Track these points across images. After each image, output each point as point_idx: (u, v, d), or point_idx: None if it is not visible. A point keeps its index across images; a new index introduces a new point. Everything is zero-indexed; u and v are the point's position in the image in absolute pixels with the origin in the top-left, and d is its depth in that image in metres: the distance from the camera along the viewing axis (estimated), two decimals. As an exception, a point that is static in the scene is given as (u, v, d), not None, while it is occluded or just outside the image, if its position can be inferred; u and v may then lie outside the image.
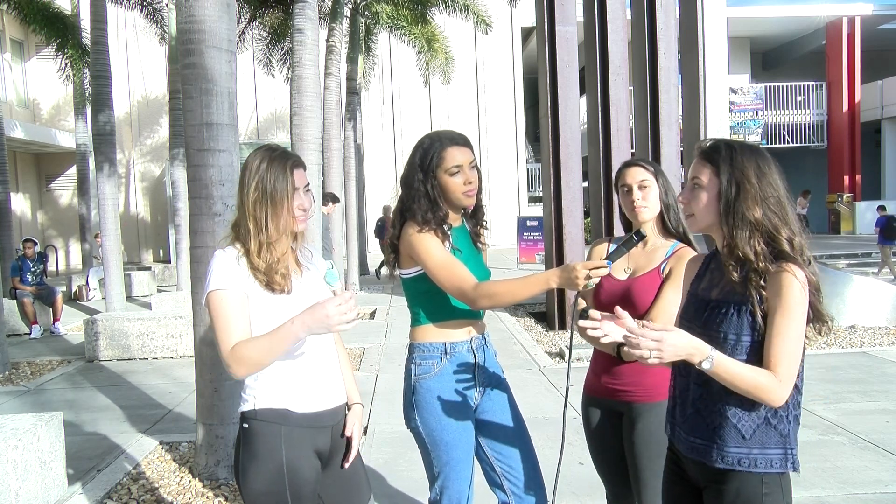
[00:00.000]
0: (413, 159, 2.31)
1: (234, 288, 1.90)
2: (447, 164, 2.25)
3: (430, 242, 2.23)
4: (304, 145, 7.84)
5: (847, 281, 8.41)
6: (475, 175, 2.30)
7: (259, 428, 1.93)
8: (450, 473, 2.29)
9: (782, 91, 24.11)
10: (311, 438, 1.97)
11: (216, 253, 1.96)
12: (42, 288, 10.01)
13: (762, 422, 1.71)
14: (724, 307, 1.75)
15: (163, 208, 22.68)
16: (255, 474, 1.91)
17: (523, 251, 16.48)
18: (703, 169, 1.79)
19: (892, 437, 4.45)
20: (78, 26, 14.50)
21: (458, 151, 2.26)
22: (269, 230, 1.92)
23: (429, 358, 2.30)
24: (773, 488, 1.72)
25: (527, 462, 2.38)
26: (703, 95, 8.82)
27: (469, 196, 2.28)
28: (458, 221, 2.38)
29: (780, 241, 1.70)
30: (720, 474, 1.75)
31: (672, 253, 2.38)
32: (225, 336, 1.87)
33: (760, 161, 1.75)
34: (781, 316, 1.66)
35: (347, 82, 14.86)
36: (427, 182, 2.26)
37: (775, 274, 1.67)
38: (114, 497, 3.84)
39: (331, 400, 2.04)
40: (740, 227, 1.71)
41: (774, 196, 1.72)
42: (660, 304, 2.31)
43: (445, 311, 2.31)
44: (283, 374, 1.95)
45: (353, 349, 7.68)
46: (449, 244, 2.28)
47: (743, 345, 1.71)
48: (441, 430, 2.27)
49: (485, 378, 2.37)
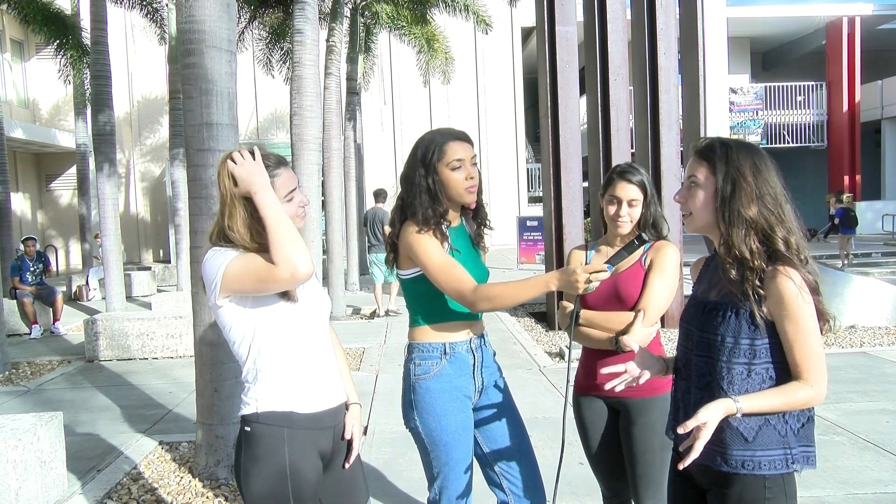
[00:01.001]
0: (414, 155, 2.29)
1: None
2: (448, 158, 2.22)
3: (429, 244, 2.21)
4: (304, 145, 7.84)
5: (847, 281, 8.41)
6: (476, 171, 2.29)
7: (262, 430, 1.92)
8: (449, 474, 2.28)
9: (782, 91, 24.12)
10: (314, 439, 1.97)
11: (209, 252, 1.93)
12: (42, 288, 10.00)
13: (763, 423, 1.71)
14: (721, 309, 1.75)
15: (163, 208, 22.69)
16: (258, 477, 1.90)
17: (523, 251, 16.48)
18: (700, 167, 1.79)
19: (892, 437, 4.45)
20: (78, 26, 14.50)
21: (459, 146, 2.24)
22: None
23: (428, 358, 2.30)
24: (775, 492, 1.71)
25: (525, 462, 2.37)
26: (703, 95, 8.81)
27: (470, 192, 2.26)
28: (456, 221, 2.37)
29: (775, 241, 1.69)
30: (723, 477, 1.75)
31: (650, 246, 2.44)
32: (261, 269, 1.82)
33: (757, 159, 1.74)
34: (791, 323, 1.66)
35: (347, 82, 14.85)
36: (428, 177, 2.23)
37: (771, 278, 1.67)
38: (114, 497, 3.84)
39: (332, 399, 2.04)
40: (736, 224, 1.70)
41: (771, 194, 1.71)
42: (647, 295, 2.37)
43: (444, 312, 2.30)
44: (285, 375, 1.94)
45: (353, 349, 7.68)
46: (448, 245, 2.27)
47: (741, 348, 1.71)
48: (440, 431, 2.27)
49: (484, 378, 2.37)
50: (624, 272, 2.42)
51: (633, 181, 2.42)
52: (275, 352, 1.92)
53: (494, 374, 2.42)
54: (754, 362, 1.71)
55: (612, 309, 2.40)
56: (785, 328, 1.67)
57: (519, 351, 7.46)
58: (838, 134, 23.69)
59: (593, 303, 2.45)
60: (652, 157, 8.38)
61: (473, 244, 2.42)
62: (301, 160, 7.83)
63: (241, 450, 1.95)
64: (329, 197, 10.37)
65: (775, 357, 1.71)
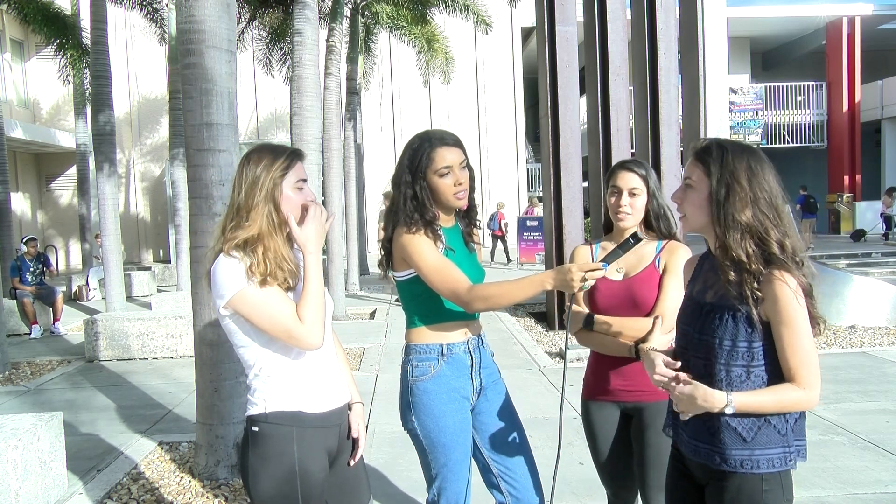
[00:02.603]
0: (402, 160, 2.27)
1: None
2: (437, 166, 2.21)
3: (423, 245, 2.20)
4: (304, 145, 7.84)
5: (847, 281, 8.40)
6: (466, 175, 2.26)
7: (270, 430, 1.91)
8: (447, 475, 2.28)
9: (782, 91, 24.11)
10: (321, 439, 1.97)
11: (222, 259, 1.89)
12: (42, 288, 10.01)
13: (762, 423, 1.72)
14: (718, 312, 1.76)
15: (163, 208, 22.69)
16: (267, 477, 1.90)
17: (523, 251, 16.49)
18: (695, 169, 1.80)
19: (892, 437, 4.45)
20: (78, 26, 14.50)
21: (447, 152, 2.22)
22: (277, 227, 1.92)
23: (425, 360, 2.29)
24: (773, 485, 1.73)
25: (524, 463, 2.37)
26: (703, 95, 8.82)
27: (459, 198, 2.25)
28: (450, 222, 2.36)
29: (769, 244, 1.70)
30: (721, 473, 1.76)
31: (662, 247, 2.40)
32: (283, 315, 1.83)
33: (753, 162, 1.74)
34: (786, 327, 1.67)
35: (347, 82, 14.85)
36: (416, 184, 2.22)
37: (767, 282, 1.68)
38: (114, 497, 3.84)
39: (338, 399, 2.04)
40: (732, 228, 1.71)
41: (766, 198, 1.72)
42: (664, 300, 2.32)
43: (441, 313, 2.29)
44: (293, 375, 1.94)
45: (353, 349, 7.68)
46: (442, 245, 2.26)
47: (739, 350, 1.72)
48: (438, 432, 2.26)
49: (482, 379, 2.36)
50: (638, 276, 2.38)
51: (634, 170, 2.40)
52: (283, 353, 1.92)
53: (493, 374, 2.41)
54: (753, 364, 1.72)
55: (627, 313, 2.35)
56: (780, 332, 1.68)
57: (519, 351, 7.46)
58: (838, 134, 23.67)
59: (608, 307, 2.40)
60: (652, 157, 8.38)
61: (468, 244, 2.41)
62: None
63: (247, 450, 1.94)
64: (329, 197, 10.36)
65: (774, 359, 1.72)
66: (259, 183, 1.89)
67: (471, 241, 2.42)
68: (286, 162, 1.93)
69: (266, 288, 1.84)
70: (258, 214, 1.88)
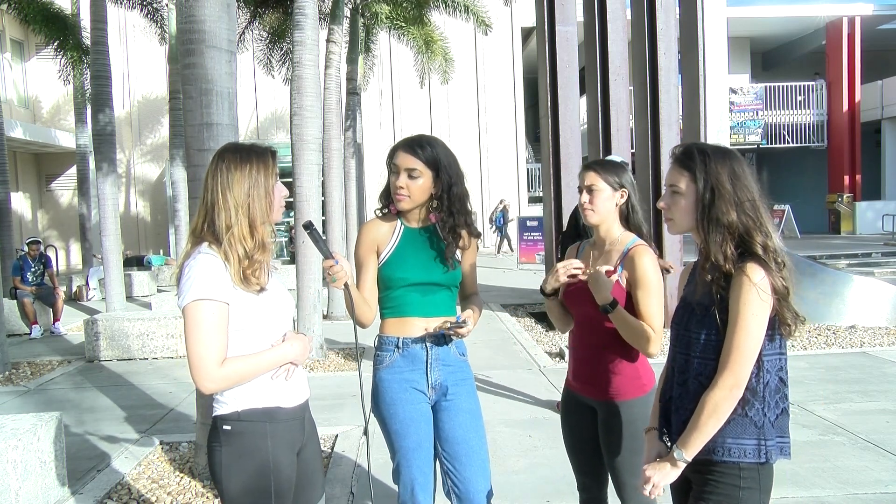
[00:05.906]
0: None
1: (221, 298, 1.86)
2: (392, 163, 2.39)
3: (359, 239, 2.49)
4: (304, 145, 7.83)
5: (847, 281, 8.39)
6: (408, 182, 2.34)
7: (243, 428, 1.92)
8: (401, 461, 2.36)
9: (782, 91, 24.11)
10: (291, 433, 2.00)
11: (199, 256, 1.89)
12: (42, 288, 10.01)
13: (737, 415, 1.77)
14: (699, 309, 1.83)
15: (163, 208, 22.69)
16: (241, 474, 1.91)
17: (523, 251, 16.49)
18: (680, 176, 1.85)
19: (892, 437, 4.45)
20: (78, 26, 14.51)
21: (400, 154, 2.37)
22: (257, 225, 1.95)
23: (384, 350, 2.42)
24: (750, 483, 1.78)
25: (472, 465, 2.37)
26: (703, 95, 8.80)
27: (398, 198, 2.37)
28: (419, 223, 2.44)
29: (753, 245, 1.75)
30: (701, 464, 1.82)
31: (626, 254, 2.37)
32: (207, 351, 1.83)
33: (734, 165, 1.80)
34: (732, 319, 1.73)
35: (347, 82, 14.84)
36: (390, 177, 2.43)
37: (735, 275, 1.74)
38: (114, 497, 3.84)
39: (305, 392, 2.09)
40: (714, 231, 1.77)
41: (749, 200, 1.78)
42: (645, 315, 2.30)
43: (400, 308, 2.40)
44: (269, 373, 1.97)
45: (353, 349, 7.69)
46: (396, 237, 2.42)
47: (711, 344, 1.79)
48: (390, 419, 2.37)
49: (441, 376, 2.40)
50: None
51: (591, 167, 2.43)
52: (247, 351, 1.93)
53: (459, 374, 2.44)
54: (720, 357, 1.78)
55: (593, 310, 2.35)
56: (731, 319, 1.74)
57: (519, 351, 7.46)
58: (838, 134, 23.67)
59: (574, 304, 2.46)
60: (652, 157, 8.38)
61: (444, 250, 2.42)
62: (301, 160, 7.82)
63: (218, 448, 1.93)
64: (329, 197, 10.35)
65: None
66: (232, 184, 1.92)
67: (453, 246, 2.42)
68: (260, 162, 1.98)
69: (219, 312, 1.85)
70: (232, 216, 1.90)
